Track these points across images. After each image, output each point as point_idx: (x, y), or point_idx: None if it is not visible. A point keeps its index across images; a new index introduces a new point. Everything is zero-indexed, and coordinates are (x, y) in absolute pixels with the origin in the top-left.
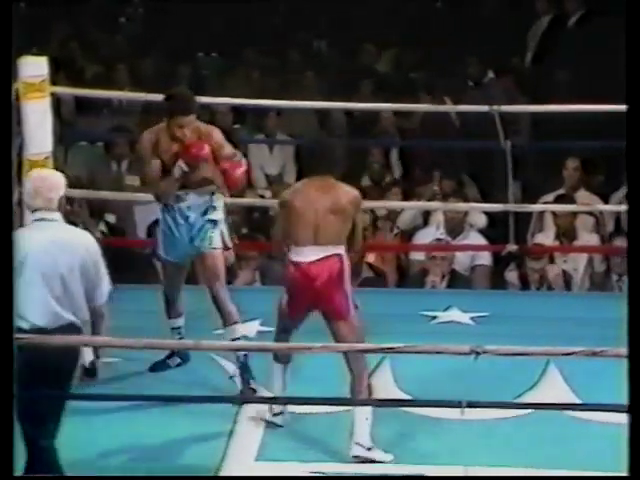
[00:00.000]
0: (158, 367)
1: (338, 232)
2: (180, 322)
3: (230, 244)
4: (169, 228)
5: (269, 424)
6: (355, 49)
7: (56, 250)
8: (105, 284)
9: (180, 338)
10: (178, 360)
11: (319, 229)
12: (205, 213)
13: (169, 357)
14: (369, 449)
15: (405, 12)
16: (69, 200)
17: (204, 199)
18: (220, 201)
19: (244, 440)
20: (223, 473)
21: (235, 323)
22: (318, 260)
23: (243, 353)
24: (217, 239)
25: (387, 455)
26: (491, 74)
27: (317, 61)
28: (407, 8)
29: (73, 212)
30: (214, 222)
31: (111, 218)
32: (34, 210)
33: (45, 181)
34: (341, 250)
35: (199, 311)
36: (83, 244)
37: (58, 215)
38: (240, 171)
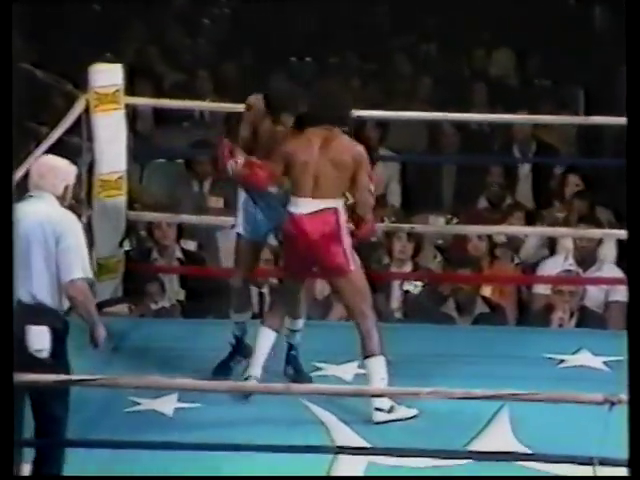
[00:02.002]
0: (221, 370)
1: (337, 186)
2: (245, 317)
3: None
4: (248, 206)
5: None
6: (469, 52)
7: (25, 223)
8: (70, 262)
9: (242, 334)
10: (239, 358)
11: (317, 181)
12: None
13: (232, 357)
14: (390, 411)
15: (532, 9)
16: (149, 225)
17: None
18: None
19: None
20: None
21: (300, 317)
22: (314, 212)
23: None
24: None
25: (411, 410)
26: None
27: (426, 66)
28: (534, 4)
29: (156, 238)
30: None
31: (190, 244)
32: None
33: (53, 169)
34: (338, 204)
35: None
36: (53, 219)
37: (48, 195)
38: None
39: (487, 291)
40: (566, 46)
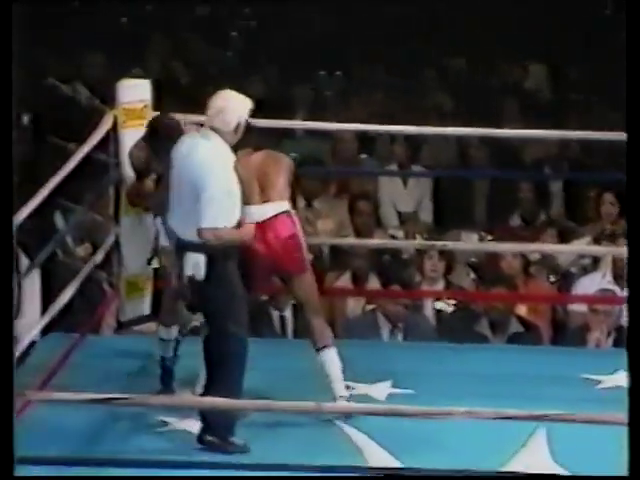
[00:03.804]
0: None
1: (282, 185)
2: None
3: None
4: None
5: None
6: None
7: (187, 164)
8: (204, 211)
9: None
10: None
11: (263, 184)
12: None
13: None
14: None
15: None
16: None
17: None
18: None
19: None
20: None
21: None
22: (269, 219)
23: None
24: None
25: None
26: None
27: (455, 81)
28: (566, 16)
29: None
30: None
31: None
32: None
33: (222, 102)
34: (287, 205)
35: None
36: (205, 164)
37: (212, 133)
38: None
39: (522, 310)
40: (600, 60)
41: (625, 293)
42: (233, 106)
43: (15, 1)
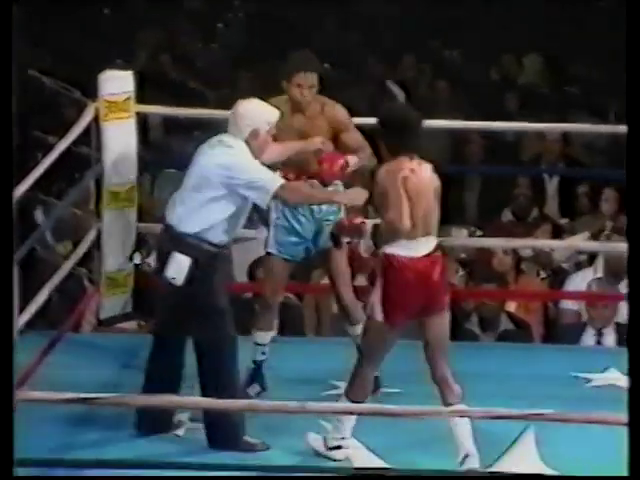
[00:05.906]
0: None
1: (436, 218)
2: (270, 335)
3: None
4: (288, 221)
5: None
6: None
7: (199, 164)
8: (259, 188)
9: (262, 361)
10: (258, 388)
11: (427, 217)
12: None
13: (248, 385)
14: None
15: (559, 13)
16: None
17: None
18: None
19: None
20: None
21: (359, 323)
22: (430, 253)
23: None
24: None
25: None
26: None
27: (449, 73)
28: (561, 8)
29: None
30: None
31: None
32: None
33: (238, 108)
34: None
35: (304, 370)
36: (222, 164)
37: (228, 137)
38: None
39: (512, 307)
40: (598, 53)
41: (621, 290)
42: (246, 114)
43: (16, 1)
